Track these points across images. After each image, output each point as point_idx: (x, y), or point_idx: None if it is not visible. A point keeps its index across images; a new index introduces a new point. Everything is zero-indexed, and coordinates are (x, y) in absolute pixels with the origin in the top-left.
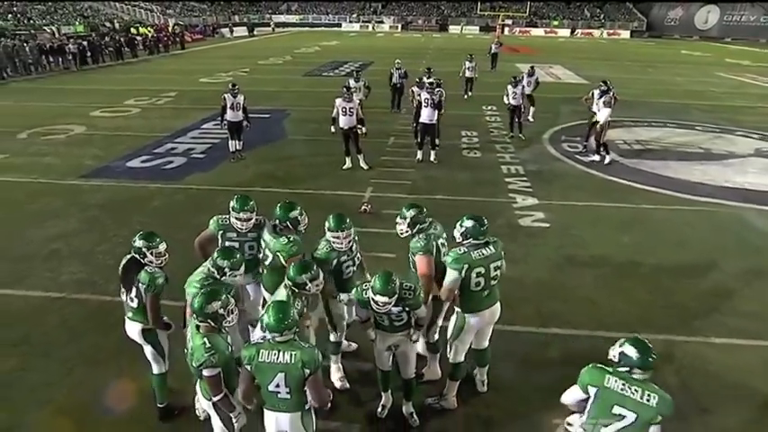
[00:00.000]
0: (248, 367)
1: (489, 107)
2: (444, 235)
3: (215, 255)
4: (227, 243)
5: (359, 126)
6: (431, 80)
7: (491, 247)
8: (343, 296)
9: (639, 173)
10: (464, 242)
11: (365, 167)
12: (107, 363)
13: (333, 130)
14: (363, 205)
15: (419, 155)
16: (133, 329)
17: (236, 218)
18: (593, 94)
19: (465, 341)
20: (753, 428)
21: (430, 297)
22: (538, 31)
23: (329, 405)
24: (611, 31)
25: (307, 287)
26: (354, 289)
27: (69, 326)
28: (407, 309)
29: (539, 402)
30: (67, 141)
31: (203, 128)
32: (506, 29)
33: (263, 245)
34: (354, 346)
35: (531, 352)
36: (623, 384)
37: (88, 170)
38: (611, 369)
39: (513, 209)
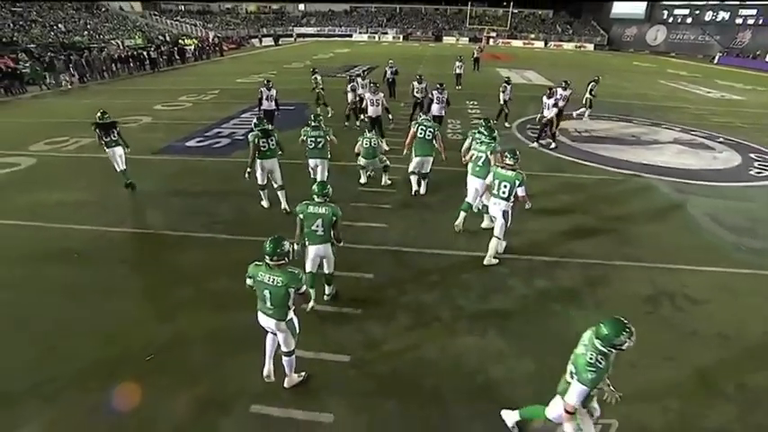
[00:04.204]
0: (300, 215)
1: (472, 102)
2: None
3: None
4: (260, 143)
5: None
6: (440, 82)
7: (489, 140)
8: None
9: (583, 152)
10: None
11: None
12: (184, 278)
13: (363, 117)
14: None
15: None
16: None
17: (262, 130)
18: (556, 90)
19: None
20: (639, 315)
21: None
22: (517, 43)
23: (342, 243)
24: (579, 44)
25: None
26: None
27: (155, 250)
28: None
29: (494, 299)
30: (139, 128)
31: (241, 117)
32: (491, 40)
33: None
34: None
35: (488, 270)
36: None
37: (156, 149)
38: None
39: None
